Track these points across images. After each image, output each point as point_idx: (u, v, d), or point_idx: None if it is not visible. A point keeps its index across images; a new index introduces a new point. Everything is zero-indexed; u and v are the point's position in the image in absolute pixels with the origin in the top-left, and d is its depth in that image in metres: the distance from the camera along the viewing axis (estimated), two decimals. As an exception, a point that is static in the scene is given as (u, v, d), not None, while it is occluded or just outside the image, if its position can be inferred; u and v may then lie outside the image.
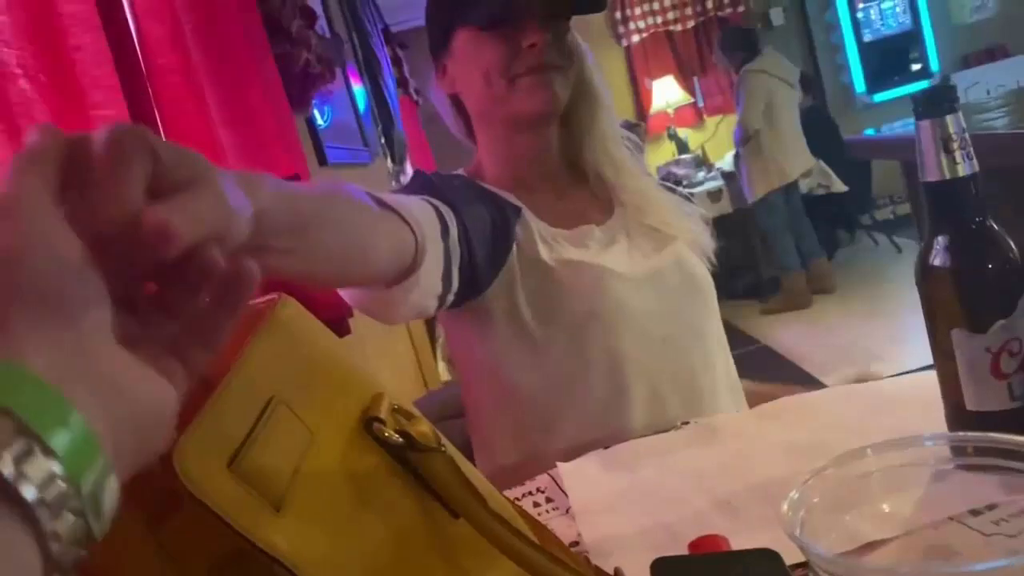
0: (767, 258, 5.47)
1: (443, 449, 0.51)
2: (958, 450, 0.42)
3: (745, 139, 4.75)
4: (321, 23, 2.23)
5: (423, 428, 0.51)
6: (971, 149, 0.64)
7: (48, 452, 0.28)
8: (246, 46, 1.23)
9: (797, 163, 4.79)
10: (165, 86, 0.97)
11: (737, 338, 4.68)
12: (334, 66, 1.89)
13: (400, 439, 0.49)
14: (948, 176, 0.65)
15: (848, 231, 5.96)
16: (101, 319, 0.33)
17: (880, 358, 3.51)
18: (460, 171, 1.18)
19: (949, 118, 0.64)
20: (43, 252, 0.32)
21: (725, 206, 5.32)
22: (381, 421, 0.49)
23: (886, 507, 0.48)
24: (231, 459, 0.41)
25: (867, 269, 5.39)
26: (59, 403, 0.29)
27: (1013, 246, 0.65)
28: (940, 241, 0.66)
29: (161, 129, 0.96)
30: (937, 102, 0.64)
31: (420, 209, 0.85)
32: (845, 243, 5.96)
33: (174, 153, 0.36)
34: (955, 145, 0.64)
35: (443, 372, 3.23)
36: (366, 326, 1.72)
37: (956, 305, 0.66)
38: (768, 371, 4.02)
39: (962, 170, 0.64)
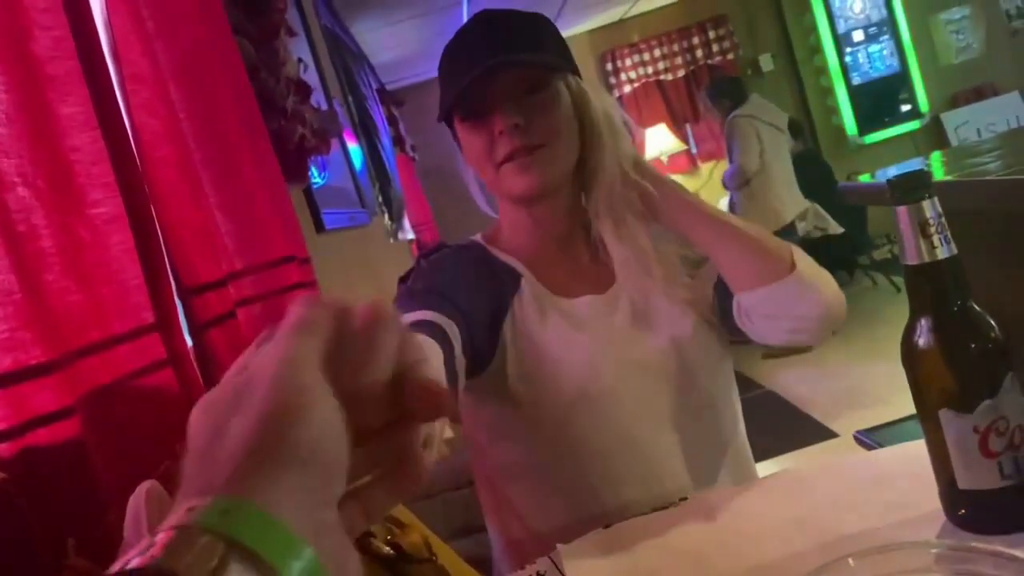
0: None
1: (433, 558, 0.51)
2: (942, 558, 0.43)
3: (743, 182, 4.79)
4: (317, 94, 2.27)
5: (414, 538, 0.51)
6: (948, 232, 0.66)
7: None
8: (241, 128, 1.25)
9: (790, 206, 4.82)
10: (160, 178, 0.99)
11: (740, 383, 4.65)
12: (329, 138, 1.92)
13: (390, 551, 0.49)
14: (927, 259, 0.66)
15: (846, 272, 5.98)
16: (342, 483, 0.36)
17: (884, 401, 3.50)
18: (477, 236, 1.18)
19: (925, 203, 0.65)
20: (317, 417, 0.35)
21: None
22: (371, 535, 0.49)
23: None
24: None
25: (866, 310, 5.38)
26: (303, 552, 0.31)
27: (995, 326, 0.66)
28: (923, 323, 0.67)
29: (156, 220, 0.97)
30: (912, 188, 0.66)
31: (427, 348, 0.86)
32: (844, 284, 5.97)
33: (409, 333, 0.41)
34: (932, 229, 0.65)
35: (447, 430, 3.22)
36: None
37: (942, 386, 0.67)
38: (773, 417, 3.99)
39: (940, 253, 0.66)
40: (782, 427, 3.78)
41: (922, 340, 0.67)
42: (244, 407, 0.35)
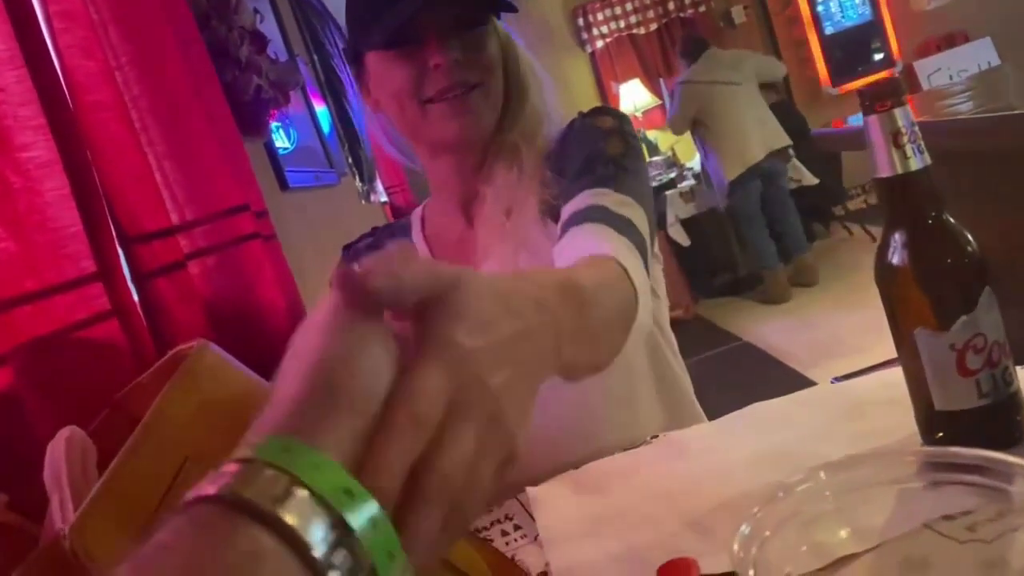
0: (744, 255, 5.48)
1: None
2: (919, 466, 0.40)
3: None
4: (276, 46, 2.19)
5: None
6: (922, 142, 0.62)
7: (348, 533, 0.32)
8: (189, 77, 1.19)
9: (737, 163, 4.77)
10: (96, 123, 0.94)
11: (718, 336, 4.67)
12: (288, 89, 1.86)
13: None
14: (900, 171, 0.63)
15: (822, 223, 5.98)
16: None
17: (861, 349, 3.50)
18: (420, 207, 1.15)
19: (897, 111, 0.62)
20: (366, 363, 0.37)
21: (699, 205, 5.32)
22: None
23: (852, 524, 0.45)
24: (143, 530, 0.38)
25: (843, 260, 5.40)
26: (352, 485, 0.33)
27: (971, 239, 0.63)
28: (896, 238, 0.64)
29: (94, 166, 0.92)
30: (884, 96, 0.62)
31: None
32: (820, 235, 5.98)
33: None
34: (905, 139, 0.62)
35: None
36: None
37: (917, 304, 0.64)
38: (751, 368, 4.00)
39: (914, 164, 0.62)
40: (760, 378, 3.79)
41: (895, 256, 0.64)
42: (303, 352, 0.38)
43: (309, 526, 0.31)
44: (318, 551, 0.31)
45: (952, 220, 0.63)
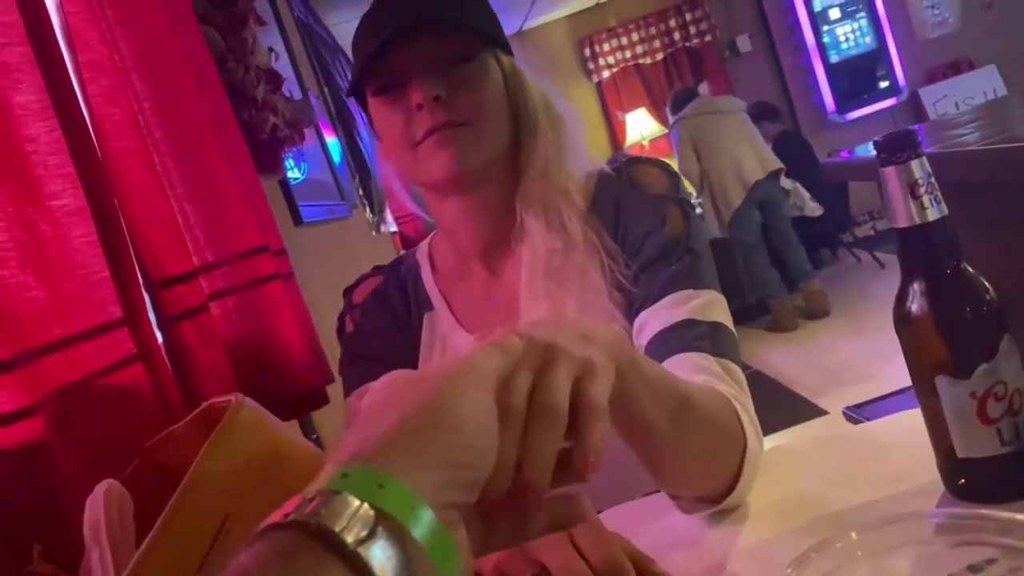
0: (750, 284, 5.49)
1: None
2: (944, 528, 0.41)
3: (699, 187, 4.91)
4: (289, 84, 2.23)
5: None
6: (939, 193, 0.63)
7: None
8: (208, 118, 1.21)
9: (742, 181, 4.80)
10: (123, 168, 0.96)
11: (728, 365, 4.65)
12: (302, 127, 1.88)
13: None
14: (918, 221, 0.63)
15: (830, 250, 5.99)
16: (475, 491, 0.39)
17: (872, 377, 3.49)
18: (425, 243, 1.09)
19: (914, 163, 0.63)
20: (472, 427, 0.39)
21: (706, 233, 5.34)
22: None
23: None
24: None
25: (851, 286, 5.40)
26: (444, 535, 0.35)
27: (989, 287, 0.64)
28: (915, 288, 0.65)
29: (120, 212, 0.94)
30: (900, 148, 0.63)
31: None
32: (828, 262, 5.99)
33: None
34: (922, 190, 0.63)
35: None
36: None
37: (937, 352, 0.64)
38: (761, 397, 3.97)
39: (931, 214, 0.63)
40: (771, 407, 3.78)
41: (915, 305, 0.65)
42: (415, 393, 0.39)
43: (389, 570, 0.32)
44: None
45: (971, 269, 0.64)
